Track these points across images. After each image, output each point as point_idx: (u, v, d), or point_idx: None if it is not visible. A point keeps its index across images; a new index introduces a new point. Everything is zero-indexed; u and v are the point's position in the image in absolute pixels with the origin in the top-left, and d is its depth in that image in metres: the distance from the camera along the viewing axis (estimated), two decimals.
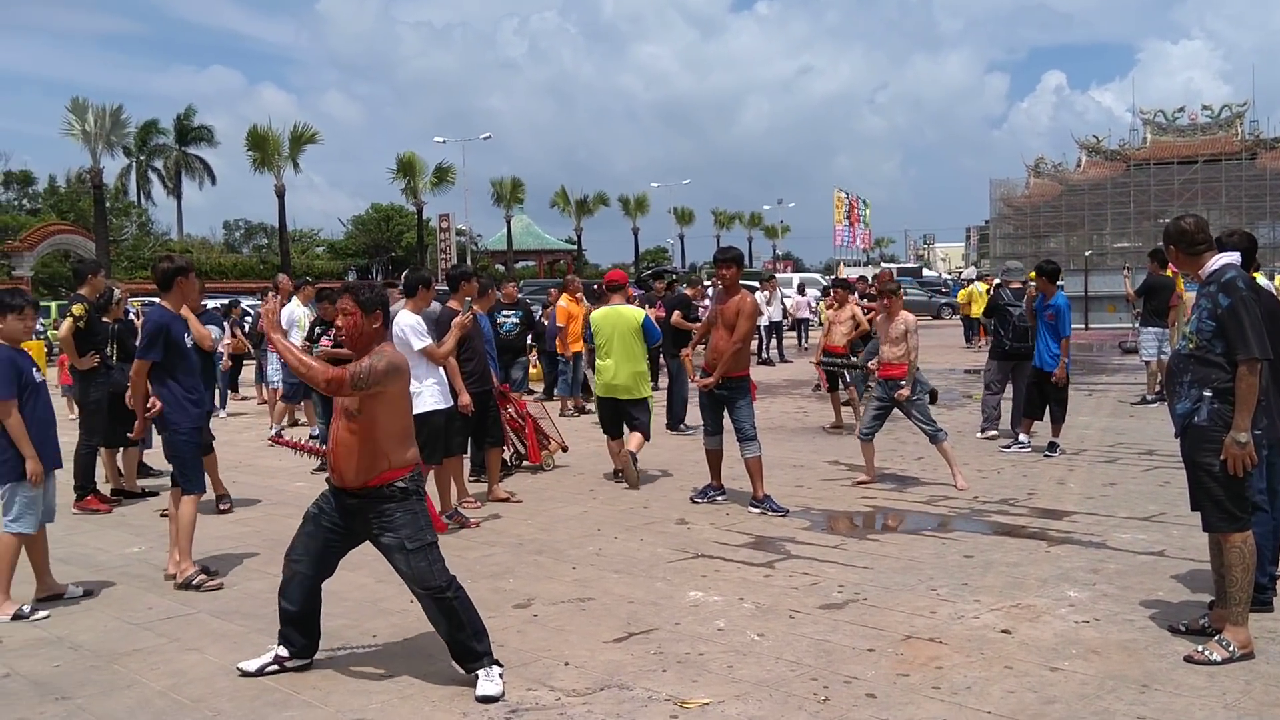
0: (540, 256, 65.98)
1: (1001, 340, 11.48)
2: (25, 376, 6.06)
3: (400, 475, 4.77)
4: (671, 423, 12.92)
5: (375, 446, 4.75)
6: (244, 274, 50.50)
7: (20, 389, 6.02)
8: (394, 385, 4.79)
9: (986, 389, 11.78)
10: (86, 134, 37.64)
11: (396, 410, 4.83)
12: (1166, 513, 7.72)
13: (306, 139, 45.02)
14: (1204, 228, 5.13)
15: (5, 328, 6.10)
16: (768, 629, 5.40)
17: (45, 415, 6.19)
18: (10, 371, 5.98)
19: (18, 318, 6.11)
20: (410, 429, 4.97)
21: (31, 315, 6.24)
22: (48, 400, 6.28)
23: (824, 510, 8.28)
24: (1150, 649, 4.96)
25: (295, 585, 4.94)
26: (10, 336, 6.13)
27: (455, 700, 4.56)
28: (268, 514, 8.68)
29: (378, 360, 4.75)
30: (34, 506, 6.08)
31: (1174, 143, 52.08)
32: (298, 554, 4.96)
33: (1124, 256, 43.22)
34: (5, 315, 6.09)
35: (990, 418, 11.70)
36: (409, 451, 4.86)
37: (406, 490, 4.78)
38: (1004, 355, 11.44)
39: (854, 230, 73.07)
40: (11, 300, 6.16)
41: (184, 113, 67.43)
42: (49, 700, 4.72)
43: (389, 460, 4.76)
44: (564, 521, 8.11)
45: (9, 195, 61.07)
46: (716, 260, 8.67)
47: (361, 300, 4.86)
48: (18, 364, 6.05)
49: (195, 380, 6.81)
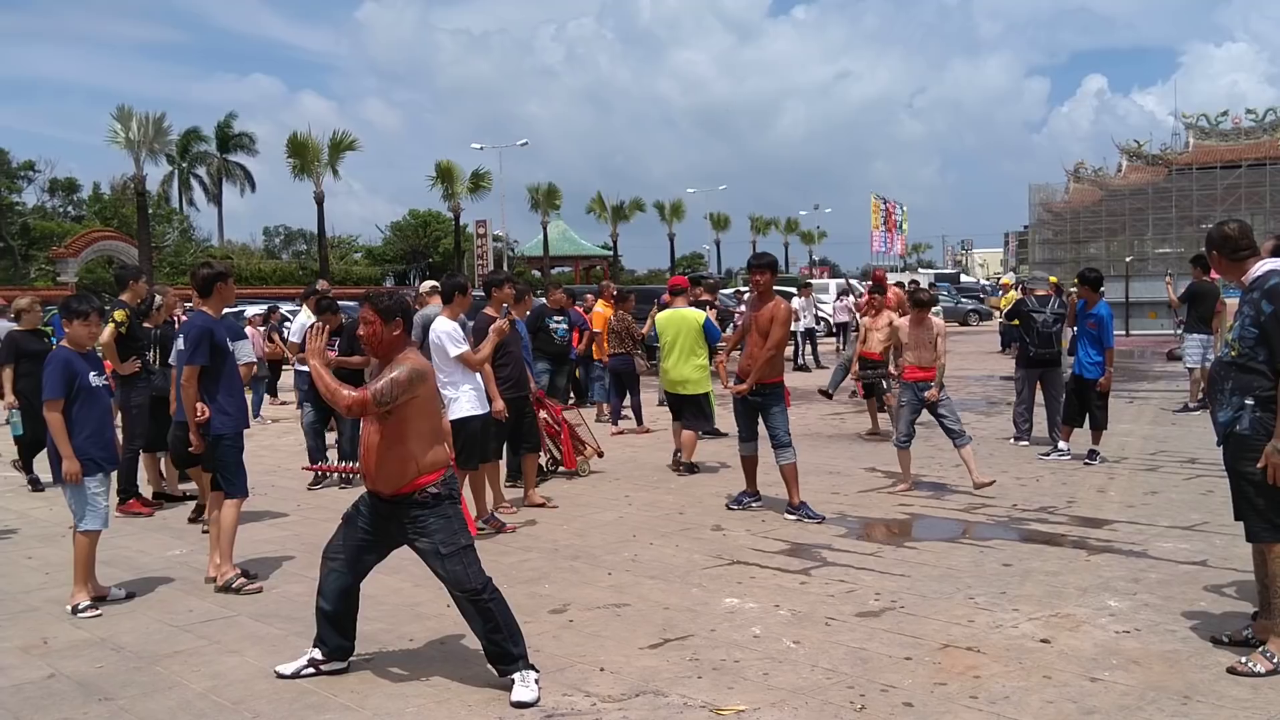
0: (576, 262, 66.15)
1: (1026, 347, 11.40)
2: (80, 380, 6.23)
3: (431, 480, 4.80)
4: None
5: (405, 450, 4.77)
6: (283, 280, 50.97)
7: (74, 391, 6.18)
8: (420, 389, 4.82)
9: (1018, 396, 11.68)
10: (130, 141, 38.13)
11: (425, 412, 4.87)
12: (1209, 522, 7.63)
13: (345, 146, 45.38)
14: (1248, 233, 5.08)
15: (71, 332, 6.33)
16: (804, 636, 5.39)
17: (101, 417, 6.35)
18: (64, 373, 6.17)
19: (84, 324, 6.33)
20: (439, 430, 5.00)
21: (97, 322, 6.45)
22: (106, 405, 6.46)
23: (861, 517, 8.24)
24: (1192, 660, 4.90)
25: (331, 585, 4.98)
26: (76, 341, 6.34)
27: (491, 705, 4.58)
28: (306, 518, 8.75)
29: (399, 372, 4.76)
30: (97, 504, 6.26)
31: (1217, 147, 51.43)
32: (334, 554, 5.01)
33: (1165, 262, 42.70)
34: (72, 321, 6.32)
35: (1022, 428, 11.61)
36: (439, 454, 4.89)
37: (439, 496, 4.81)
38: (1029, 362, 11.36)
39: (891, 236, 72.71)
40: (79, 306, 6.39)
41: (224, 120, 68.35)
42: (93, 701, 4.78)
43: (418, 464, 4.78)
44: (599, 527, 8.12)
45: (54, 202, 61.99)
46: (750, 266, 8.66)
47: (381, 308, 4.88)
48: (74, 367, 6.23)
49: (236, 384, 6.89)
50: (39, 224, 54.37)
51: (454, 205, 53.82)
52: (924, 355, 9.10)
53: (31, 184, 59.81)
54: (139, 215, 40.07)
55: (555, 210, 61.89)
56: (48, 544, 7.95)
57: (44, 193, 61.26)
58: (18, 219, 54.23)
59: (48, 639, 5.70)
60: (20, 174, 57.98)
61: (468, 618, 4.85)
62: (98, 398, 6.35)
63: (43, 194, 61.20)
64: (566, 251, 64.83)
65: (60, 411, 6.13)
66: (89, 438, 6.21)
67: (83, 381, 6.25)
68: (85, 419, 6.22)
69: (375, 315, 4.87)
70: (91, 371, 6.35)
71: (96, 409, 6.33)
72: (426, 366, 4.94)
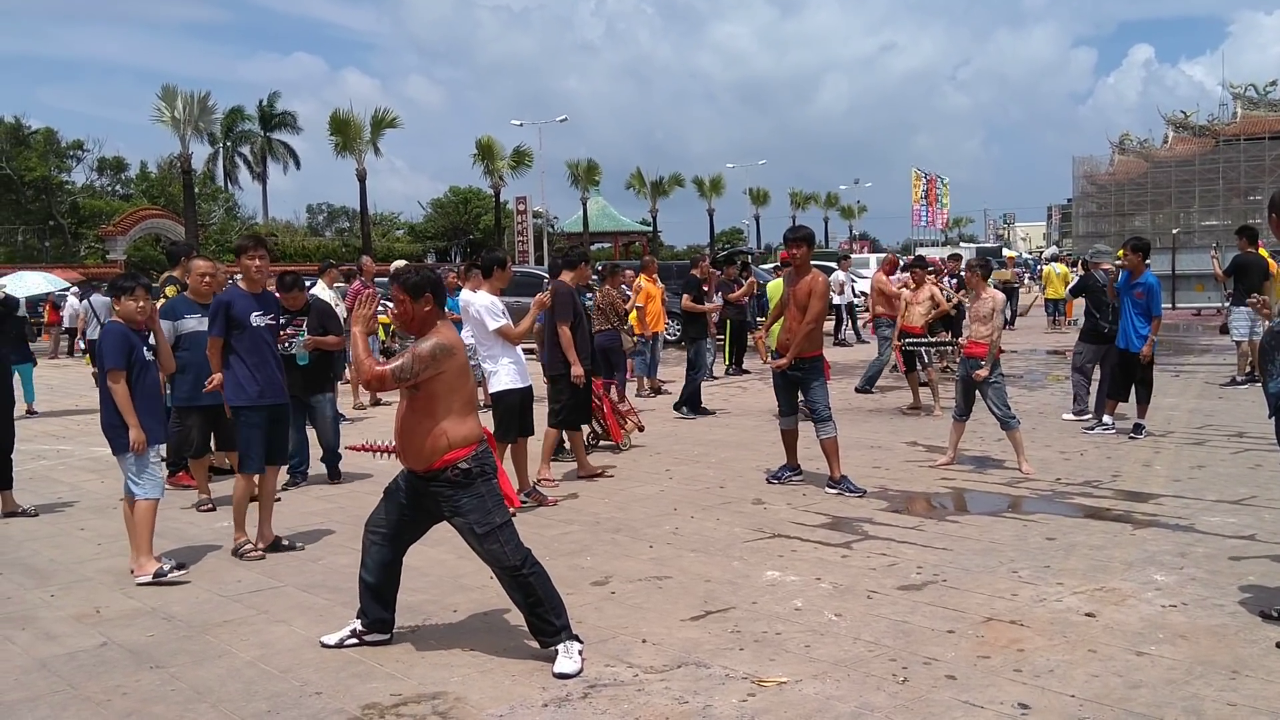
0: (616, 238, 66.03)
1: (1098, 323, 11.08)
2: (136, 353, 6.37)
3: (462, 455, 4.77)
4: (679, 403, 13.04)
5: (435, 424, 4.77)
6: (326, 257, 51.21)
7: (130, 364, 6.32)
8: (446, 364, 4.78)
9: (1078, 371, 11.48)
10: (176, 120, 38.43)
11: (454, 388, 4.81)
12: (1258, 496, 7.53)
13: (386, 124, 45.50)
14: None
15: (121, 309, 6.45)
16: (845, 609, 5.38)
17: (153, 391, 6.51)
18: (123, 344, 6.31)
19: (130, 298, 6.42)
20: (471, 403, 4.93)
21: (144, 295, 6.50)
22: (156, 378, 6.61)
23: (902, 491, 8.21)
24: (1240, 634, 4.84)
25: (373, 558, 5.04)
26: (126, 316, 6.44)
27: (534, 675, 4.62)
28: (351, 490, 8.85)
29: (423, 346, 4.75)
30: (156, 474, 6.42)
31: (1265, 117, 50.44)
32: (376, 527, 5.06)
33: (1212, 235, 42.05)
34: (119, 297, 6.46)
35: (1082, 400, 11.45)
36: (471, 428, 4.85)
37: (469, 472, 4.78)
38: (1099, 338, 11.08)
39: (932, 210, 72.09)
40: (124, 283, 6.52)
41: (267, 99, 68.89)
42: (144, 669, 4.87)
43: (448, 438, 4.76)
44: (641, 500, 8.14)
45: (103, 181, 62.73)
46: (787, 240, 8.63)
47: (409, 286, 4.84)
48: (130, 339, 6.36)
49: (260, 360, 6.85)
50: (88, 203, 55.10)
51: (495, 182, 53.87)
52: (977, 329, 8.98)
53: (80, 163, 60.56)
54: (185, 193, 40.46)
55: (595, 186, 61.79)
56: (100, 516, 8.09)
57: (92, 172, 62.04)
58: (67, 198, 54.97)
59: (100, 608, 5.82)
60: (69, 153, 58.69)
61: (509, 591, 4.88)
62: (150, 371, 6.50)
63: (91, 173, 61.99)
64: (606, 227, 64.73)
65: (123, 382, 6.26)
66: (145, 410, 6.35)
67: (138, 355, 6.38)
68: (140, 392, 6.36)
69: (404, 294, 4.84)
70: (145, 346, 6.47)
71: (150, 382, 6.48)
72: (455, 341, 4.88)
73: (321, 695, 4.48)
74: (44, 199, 53.03)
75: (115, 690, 4.62)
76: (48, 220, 53.78)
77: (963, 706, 4.15)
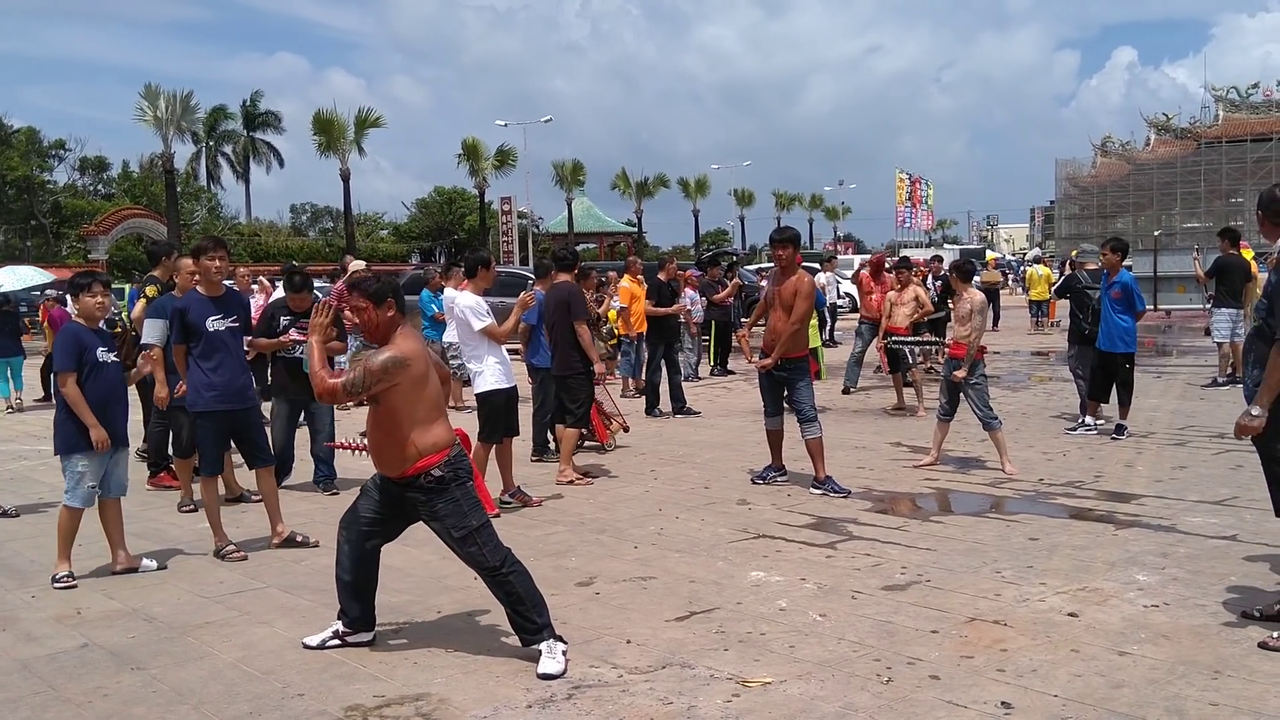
0: (601, 239, 66.01)
1: (1080, 324, 11.11)
2: (88, 354, 6.21)
3: (434, 462, 4.74)
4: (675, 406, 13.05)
5: (400, 435, 4.74)
6: (310, 257, 51.20)
7: (82, 365, 6.18)
8: (400, 375, 4.72)
9: (1076, 375, 11.41)
10: (158, 120, 38.30)
11: (414, 398, 4.76)
12: (1239, 497, 7.57)
13: (370, 123, 45.43)
14: None
15: (80, 307, 6.37)
16: (830, 609, 5.39)
17: (106, 393, 6.29)
18: (73, 346, 6.18)
19: (89, 295, 6.33)
20: (437, 409, 4.89)
21: (103, 291, 6.41)
22: (112, 379, 6.38)
23: (886, 492, 8.22)
24: (1222, 634, 4.87)
25: (347, 555, 5.01)
26: (86, 314, 6.36)
27: (518, 676, 4.60)
28: (335, 492, 8.80)
29: (375, 360, 4.69)
30: (83, 482, 6.26)
31: (1247, 120, 50.74)
32: (349, 524, 5.05)
33: (1193, 236, 42.35)
34: (78, 295, 6.37)
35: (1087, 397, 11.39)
36: (439, 435, 4.82)
37: (443, 479, 4.75)
38: (1084, 339, 11.09)
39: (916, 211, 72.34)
40: (81, 280, 6.42)
41: (250, 99, 68.66)
42: (125, 670, 4.84)
43: (416, 447, 4.74)
44: (625, 501, 8.14)
45: (85, 180, 62.39)
46: (773, 240, 8.65)
47: (370, 292, 4.80)
48: (82, 340, 6.23)
49: (217, 364, 6.74)
50: (70, 202, 54.81)
51: (479, 182, 53.83)
52: (958, 330, 8.99)
53: (62, 163, 60.32)
54: (167, 193, 40.32)
55: (580, 187, 61.76)
56: None
57: (74, 171, 61.75)
58: (49, 197, 54.67)
59: (81, 609, 5.78)
60: (51, 153, 58.41)
61: (491, 590, 4.88)
62: (104, 373, 6.29)
63: (73, 172, 61.69)
64: (591, 228, 64.68)
65: (73, 383, 6.14)
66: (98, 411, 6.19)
67: (90, 355, 6.22)
68: (93, 392, 6.20)
69: (366, 300, 4.80)
70: (100, 346, 6.32)
71: (101, 385, 6.26)
72: (411, 351, 4.79)
73: (304, 697, 4.46)
74: (25, 198, 52.71)
75: (96, 692, 4.59)
76: (29, 220, 53.46)
77: (946, 706, 4.16)
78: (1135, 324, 10.18)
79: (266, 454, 7.07)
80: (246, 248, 50.93)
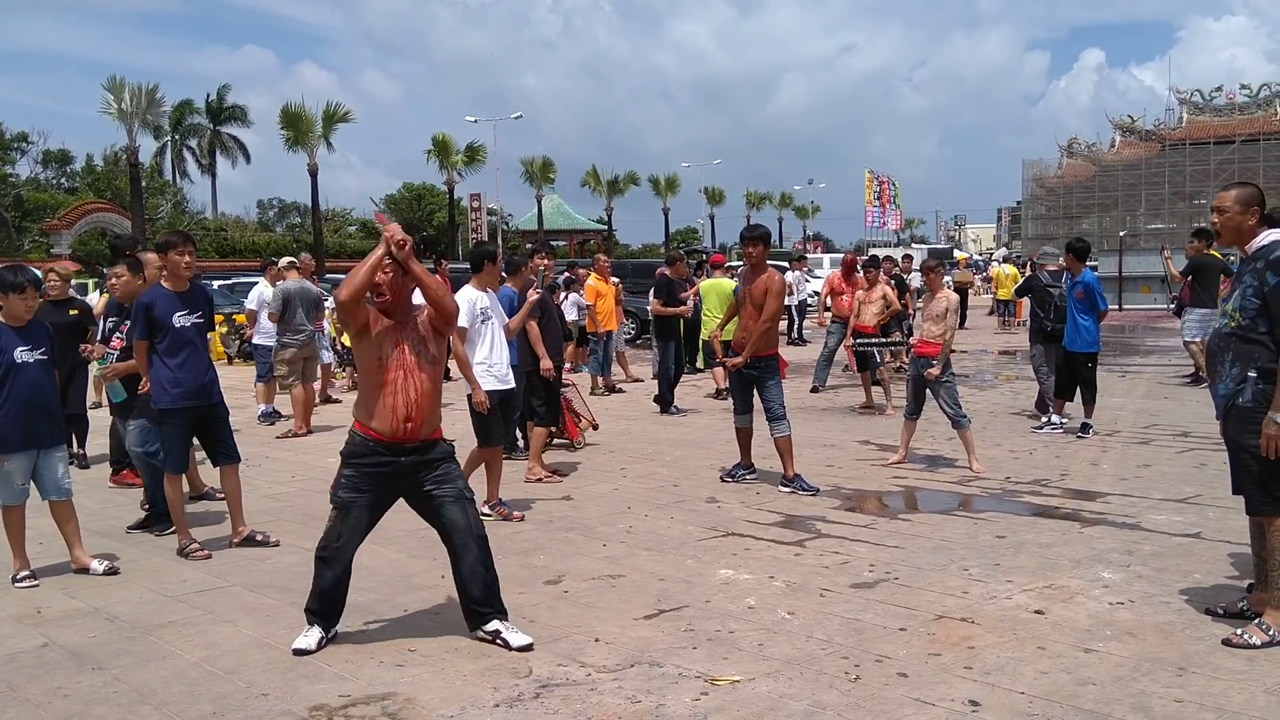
0: (571, 236, 65.95)
1: (1042, 322, 11.21)
2: (5, 357, 6.02)
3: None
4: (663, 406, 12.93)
5: (440, 394, 5.05)
6: (277, 253, 50.55)
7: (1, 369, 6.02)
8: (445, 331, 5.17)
9: (1038, 373, 11.44)
10: (123, 113, 37.80)
11: None
12: (1203, 495, 7.64)
13: (339, 118, 45.03)
14: (1260, 200, 4.96)
15: (7, 306, 6.09)
16: (798, 607, 5.39)
17: (28, 395, 6.08)
18: None
19: (20, 297, 6.09)
20: None
21: (33, 295, 6.20)
22: (36, 380, 6.14)
23: (855, 490, 8.24)
24: (1187, 631, 4.90)
25: (332, 572, 5.01)
26: (12, 315, 6.11)
27: (485, 675, 4.57)
28: (301, 489, 8.73)
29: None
30: (11, 480, 6.16)
31: (1210, 123, 51.33)
32: (331, 542, 5.01)
33: (1158, 237, 42.72)
34: (8, 294, 6.07)
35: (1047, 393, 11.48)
36: None
37: (451, 444, 5.12)
38: (1046, 338, 11.17)
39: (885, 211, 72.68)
40: (13, 279, 6.10)
41: (216, 92, 67.99)
42: (86, 670, 4.77)
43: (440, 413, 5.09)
44: (594, 499, 8.11)
45: (47, 174, 61.64)
46: (743, 238, 8.62)
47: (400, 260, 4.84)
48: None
49: (183, 360, 6.66)
50: (32, 196, 54.02)
51: (449, 179, 53.61)
52: (929, 329, 9.03)
53: (25, 155, 59.52)
54: (132, 187, 39.80)
55: (550, 184, 61.73)
56: (42, 514, 7.87)
57: (37, 164, 60.97)
58: (11, 191, 53.85)
59: (41, 609, 5.69)
60: (13, 145, 57.61)
61: (468, 569, 4.94)
62: (25, 373, 6.08)
63: (36, 165, 60.91)
64: (561, 225, 64.62)
65: None
66: (12, 415, 6.03)
67: (7, 358, 6.03)
68: (11, 395, 6.03)
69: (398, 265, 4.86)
70: (21, 346, 6.09)
71: (22, 386, 6.07)
72: None
73: (268, 697, 4.41)
74: None
75: (55, 692, 4.52)
76: None
77: (914, 704, 4.16)
78: (1098, 324, 10.27)
79: (232, 451, 6.99)
80: (213, 243, 50.33)
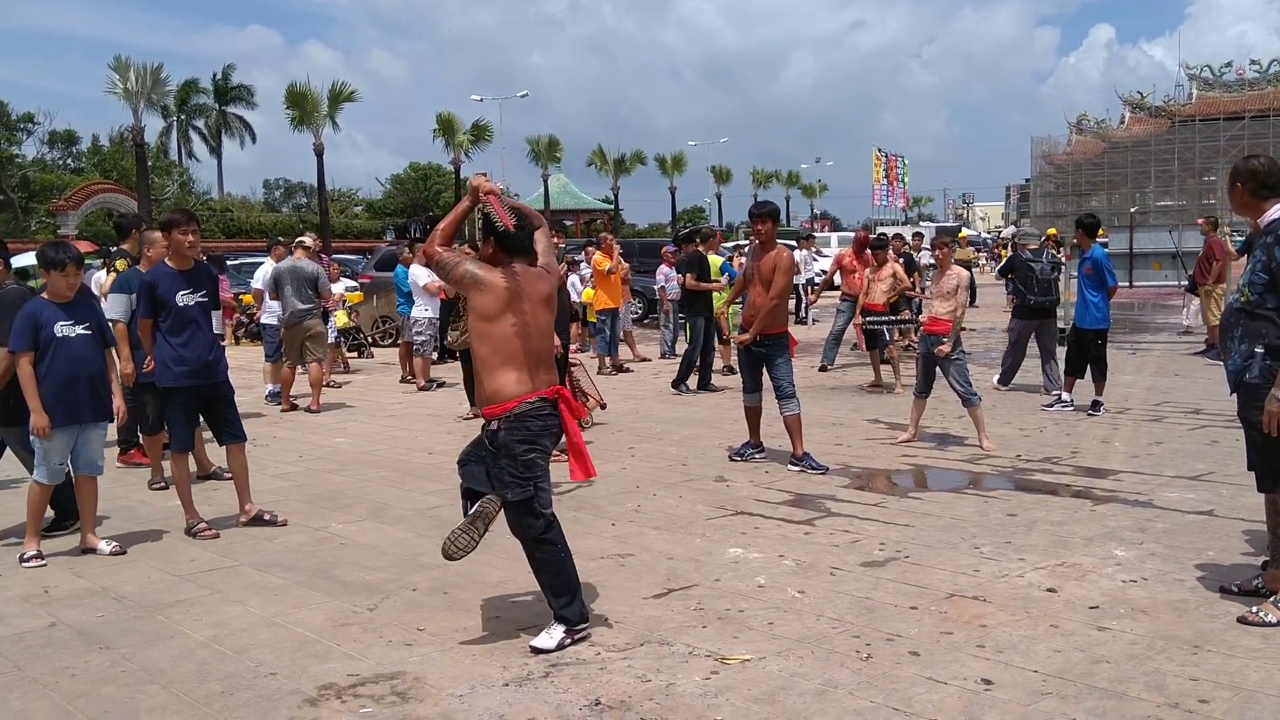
0: (577, 216, 65.78)
1: (1025, 297, 11.59)
2: (45, 331, 6.06)
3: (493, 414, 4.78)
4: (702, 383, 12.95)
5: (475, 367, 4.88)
6: (284, 233, 50.59)
7: (41, 343, 6.05)
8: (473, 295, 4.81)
9: (1011, 345, 11.96)
10: (128, 93, 37.67)
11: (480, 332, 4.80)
12: (1215, 472, 7.59)
13: (345, 97, 44.79)
14: (1275, 171, 4.82)
15: (50, 283, 6.17)
16: (808, 586, 5.36)
17: (70, 370, 6.12)
18: (28, 326, 6.03)
19: (61, 275, 6.13)
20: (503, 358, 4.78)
21: (75, 272, 6.22)
22: (81, 353, 6.18)
23: (864, 468, 8.20)
24: (1201, 609, 4.86)
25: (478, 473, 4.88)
26: (55, 292, 6.17)
27: (494, 654, 4.55)
28: (309, 469, 8.72)
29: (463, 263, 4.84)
30: (50, 458, 6.15)
31: (1220, 98, 51.02)
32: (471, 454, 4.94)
33: (1167, 214, 42.54)
34: (50, 271, 6.14)
35: (1006, 373, 11.98)
36: (500, 385, 4.76)
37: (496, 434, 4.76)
38: (1029, 312, 11.59)
39: (892, 189, 72.39)
40: (55, 256, 6.16)
41: (221, 72, 67.94)
42: (94, 650, 4.76)
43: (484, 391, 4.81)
44: (603, 478, 8.05)
45: (54, 155, 61.55)
46: (752, 215, 8.57)
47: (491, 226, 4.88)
48: (38, 319, 6.06)
49: (187, 339, 6.65)
50: (39, 176, 53.99)
51: (455, 158, 53.42)
52: (939, 306, 8.97)
53: (31, 136, 59.44)
54: (138, 167, 39.73)
55: (556, 163, 61.47)
56: None
57: (43, 145, 60.87)
58: (17, 171, 53.83)
59: (49, 588, 5.68)
60: (20, 126, 57.54)
61: None
62: (69, 347, 6.12)
63: (42, 146, 60.81)
64: (567, 205, 64.44)
65: (29, 364, 6.02)
66: (52, 391, 6.06)
67: (48, 333, 6.06)
68: (50, 371, 6.06)
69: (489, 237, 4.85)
70: (63, 320, 6.12)
71: (66, 359, 6.10)
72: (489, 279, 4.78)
73: (276, 676, 4.39)
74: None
75: (63, 672, 4.51)
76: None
77: (926, 682, 4.13)
78: (1107, 300, 10.22)
79: (237, 430, 6.96)
80: (219, 223, 50.25)
